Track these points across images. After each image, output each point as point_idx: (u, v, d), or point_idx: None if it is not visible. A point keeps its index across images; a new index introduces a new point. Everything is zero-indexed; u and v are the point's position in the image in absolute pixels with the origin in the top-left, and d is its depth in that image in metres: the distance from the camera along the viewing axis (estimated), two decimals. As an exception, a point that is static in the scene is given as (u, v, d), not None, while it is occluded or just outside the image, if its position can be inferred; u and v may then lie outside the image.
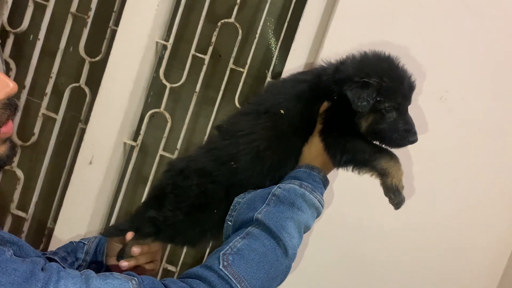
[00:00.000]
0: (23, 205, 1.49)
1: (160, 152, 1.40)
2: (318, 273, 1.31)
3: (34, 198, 1.48)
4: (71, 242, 1.08)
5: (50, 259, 0.95)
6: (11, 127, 0.75)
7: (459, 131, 1.22)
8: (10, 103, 0.74)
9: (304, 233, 0.89)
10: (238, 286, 0.75)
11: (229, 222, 0.90)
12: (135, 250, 0.97)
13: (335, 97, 0.94)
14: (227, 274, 0.75)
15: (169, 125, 1.39)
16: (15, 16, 1.45)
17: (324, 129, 0.96)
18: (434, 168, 1.23)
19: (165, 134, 1.39)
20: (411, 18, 1.20)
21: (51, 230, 1.45)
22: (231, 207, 0.92)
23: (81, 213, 1.38)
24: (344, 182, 1.25)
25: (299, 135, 0.98)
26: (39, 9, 1.43)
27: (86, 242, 1.08)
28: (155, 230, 0.97)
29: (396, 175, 0.94)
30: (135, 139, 1.42)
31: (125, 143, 1.41)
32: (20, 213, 1.48)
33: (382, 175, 0.94)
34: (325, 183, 0.96)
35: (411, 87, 0.96)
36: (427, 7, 1.19)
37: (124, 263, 0.97)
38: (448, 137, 1.22)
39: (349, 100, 0.90)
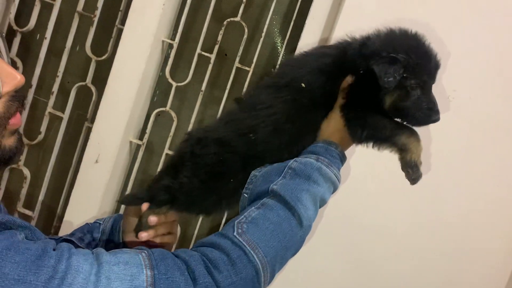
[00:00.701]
0: (29, 204, 1.50)
1: (166, 151, 1.40)
2: (324, 273, 1.30)
3: (41, 197, 1.49)
4: (86, 224, 1.09)
5: (67, 241, 0.96)
6: (19, 119, 0.76)
7: (467, 131, 1.21)
8: (18, 95, 0.75)
9: (320, 207, 0.89)
10: (252, 252, 0.75)
11: (245, 195, 0.91)
12: (152, 219, 0.97)
13: (361, 72, 0.93)
14: (241, 240, 0.76)
15: (175, 124, 1.39)
16: (22, 15, 1.46)
17: (346, 104, 0.95)
18: (441, 168, 1.22)
19: (171, 133, 1.39)
20: (418, 17, 1.19)
21: (57, 229, 1.45)
22: (248, 180, 0.93)
23: (87, 212, 1.38)
24: (351, 182, 1.24)
25: (320, 109, 0.97)
26: (46, 8, 1.43)
27: (101, 222, 1.08)
28: (170, 198, 0.97)
29: (415, 150, 0.94)
30: (141, 138, 1.42)
31: (131, 142, 1.42)
32: (27, 212, 1.49)
33: (402, 150, 0.94)
34: (343, 158, 0.95)
35: (437, 66, 0.95)
36: (434, 5, 1.18)
37: (143, 234, 0.96)
38: (455, 136, 1.21)
39: (374, 76, 0.88)
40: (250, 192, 0.90)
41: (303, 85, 0.95)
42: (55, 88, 1.44)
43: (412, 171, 0.94)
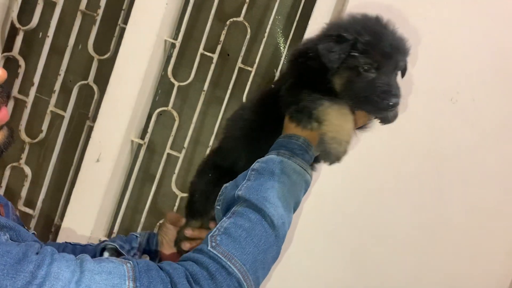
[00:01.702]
0: (30, 202, 1.50)
1: (168, 150, 1.39)
2: (326, 273, 1.30)
3: (42, 195, 1.49)
4: (121, 235, 1.12)
5: (110, 247, 1.04)
6: (5, 114, 0.74)
7: (470, 132, 1.21)
8: (2, 90, 0.73)
9: (296, 202, 0.87)
10: (229, 263, 0.74)
11: (218, 207, 0.90)
12: (188, 232, 1.04)
13: (310, 55, 0.88)
14: (216, 253, 0.75)
15: (176, 123, 1.39)
16: (25, 13, 1.46)
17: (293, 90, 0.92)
18: (444, 169, 1.22)
19: (173, 133, 1.39)
20: (422, 19, 1.19)
21: (58, 227, 1.45)
22: (219, 192, 0.91)
23: (88, 210, 1.38)
24: (353, 182, 1.24)
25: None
26: (49, 7, 1.43)
27: (138, 235, 1.11)
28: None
29: (334, 123, 0.83)
30: (142, 137, 1.42)
31: (132, 141, 1.41)
32: (28, 210, 1.48)
33: (319, 124, 0.85)
34: (307, 148, 0.90)
35: (395, 47, 0.87)
36: (438, 8, 1.18)
37: (186, 245, 1.04)
38: (458, 138, 1.21)
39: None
40: (221, 203, 0.89)
41: (272, 86, 0.97)
42: (57, 86, 1.43)
43: (325, 149, 0.82)
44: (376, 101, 0.84)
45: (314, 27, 1.26)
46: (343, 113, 0.85)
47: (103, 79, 1.40)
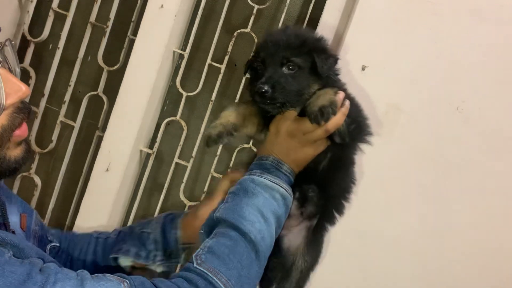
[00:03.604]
0: (40, 211, 1.47)
1: (176, 160, 1.41)
2: (331, 280, 1.30)
3: (51, 205, 1.50)
4: (133, 234, 1.10)
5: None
6: (25, 130, 0.77)
7: (476, 141, 1.21)
8: (24, 107, 0.75)
9: (275, 215, 0.90)
10: (215, 278, 0.78)
11: (201, 231, 0.94)
12: None
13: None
14: (203, 270, 0.79)
15: (184, 133, 1.40)
16: (36, 25, 1.49)
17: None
18: (450, 178, 1.23)
19: (181, 142, 1.40)
20: (427, 28, 1.20)
21: (67, 236, 1.46)
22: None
23: (98, 219, 1.39)
24: (358, 190, 1.25)
25: None
26: (59, 19, 1.46)
27: (149, 231, 1.09)
28: None
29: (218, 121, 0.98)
30: (151, 147, 1.43)
31: (141, 151, 1.43)
32: (37, 219, 1.50)
33: None
34: (277, 166, 0.95)
35: (275, 43, 0.94)
36: (443, 17, 1.19)
37: None
38: (465, 146, 1.21)
39: None
40: (204, 226, 0.93)
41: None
42: (67, 97, 1.46)
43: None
44: (252, 89, 0.94)
45: (321, 38, 1.28)
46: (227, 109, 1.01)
47: (112, 90, 1.42)
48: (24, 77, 1.47)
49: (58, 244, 1.04)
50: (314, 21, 1.30)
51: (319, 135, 0.93)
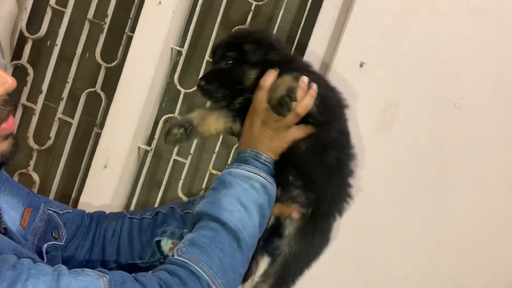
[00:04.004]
0: (38, 208, 1.51)
1: (174, 156, 1.41)
2: (330, 277, 1.30)
3: (49, 201, 1.50)
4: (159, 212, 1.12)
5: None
6: (12, 123, 0.75)
7: (474, 138, 1.21)
8: (10, 99, 0.73)
9: (256, 205, 0.90)
10: (196, 267, 0.77)
11: (185, 230, 0.95)
12: None
13: None
14: (184, 260, 0.78)
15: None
16: (34, 22, 1.48)
17: None
18: (448, 174, 1.23)
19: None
20: (425, 24, 1.20)
21: (66, 233, 1.46)
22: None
23: (96, 217, 1.39)
24: (357, 188, 1.25)
25: None
26: (57, 16, 1.45)
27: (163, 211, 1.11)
28: None
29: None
30: (149, 144, 1.43)
31: (139, 148, 1.43)
32: (36, 216, 1.50)
33: None
34: (256, 157, 0.96)
35: (216, 44, 1.04)
36: (441, 13, 1.19)
37: None
38: (463, 144, 1.22)
39: None
40: (188, 226, 0.93)
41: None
42: (65, 94, 1.45)
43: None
44: None
45: (319, 34, 1.28)
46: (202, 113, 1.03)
47: (110, 87, 1.41)
48: (22, 74, 1.48)
49: (61, 243, 0.99)
50: (313, 17, 1.30)
51: (290, 120, 0.94)
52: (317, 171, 0.98)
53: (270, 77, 0.96)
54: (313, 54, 1.28)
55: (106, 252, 1.07)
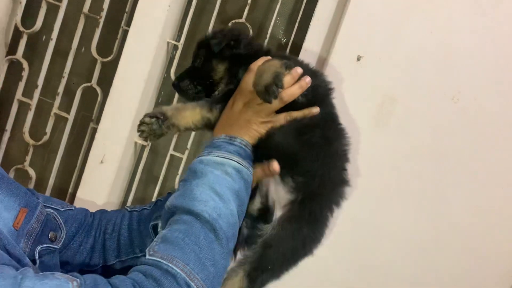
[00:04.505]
0: (35, 204, 1.50)
1: (171, 151, 1.40)
2: (329, 274, 1.30)
3: (46, 197, 1.49)
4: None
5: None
6: None
7: (472, 132, 1.21)
8: None
9: (232, 191, 0.85)
10: (170, 264, 0.73)
11: (159, 230, 0.90)
12: None
13: None
14: (156, 258, 0.74)
15: (179, 125, 1.39)
16: (28, 16, 1.47)
17: None
18: (446, 169, 1.23)
19: (176, 134, 1.39)
20: (423, 18, 1.19)
21: (63, 229, 1.46)
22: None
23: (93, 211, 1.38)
24: (354, 183, 1.24)
25: None
26: (52, 10, 1.44)
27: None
28: None
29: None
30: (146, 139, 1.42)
31: (136, 143, 1.42)
32: (32, 212, 1.49)
33: None
34: (231, 140, 0.92)
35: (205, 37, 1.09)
36: (440, 6, 1.19)
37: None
38: (460, 138, 1.21)
39: None
40: (162, 222, 0.88)
41: None
42: (61, 89, 1.44)
43: None
44: None
45: (316, 28, 1.27)
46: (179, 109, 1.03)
47: (106, 81, 1.40)
48: (17, 68, 1.47)
49: (57, 246, 0.96)
50: (310, 11, 1.29)
51: (274, 106, 0.92)
52: (302, 152, 0.94)
53: (260, 61, 0.95)
54: (310, 47, 1.27)
55: (107, 248, 1.06)
